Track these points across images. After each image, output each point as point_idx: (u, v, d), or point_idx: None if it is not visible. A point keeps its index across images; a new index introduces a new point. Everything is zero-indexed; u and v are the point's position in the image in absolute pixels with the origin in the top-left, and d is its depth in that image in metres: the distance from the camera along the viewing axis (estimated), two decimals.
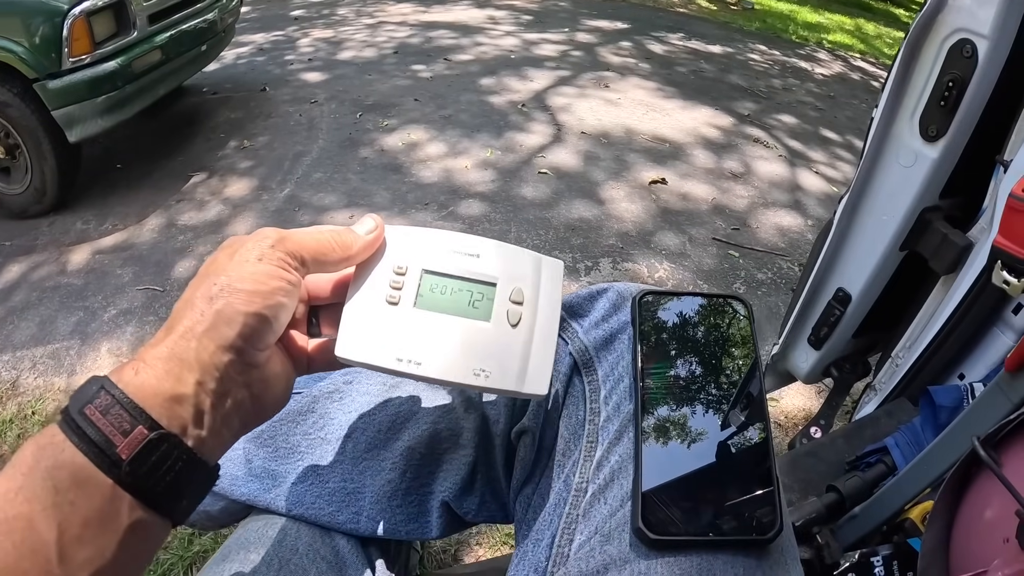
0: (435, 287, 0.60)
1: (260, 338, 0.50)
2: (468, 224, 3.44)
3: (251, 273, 0.50)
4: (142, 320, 2.73)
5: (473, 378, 0.57)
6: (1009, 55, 1.16)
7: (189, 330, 0.47)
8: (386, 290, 0.59)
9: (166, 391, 0.45)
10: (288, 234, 0.54)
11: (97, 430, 0.42)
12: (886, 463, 1.20)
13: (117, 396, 0.43)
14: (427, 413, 0.72)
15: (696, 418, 0.58)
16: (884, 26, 12.52)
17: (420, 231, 0.62)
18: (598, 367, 0.68)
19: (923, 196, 1.32)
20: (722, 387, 0.60)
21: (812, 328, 1.62)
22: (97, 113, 3.27)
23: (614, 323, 0.70)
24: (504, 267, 0.62)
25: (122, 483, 0.42)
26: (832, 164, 4.70)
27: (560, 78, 5.77)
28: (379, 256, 0.60)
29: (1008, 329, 1.25)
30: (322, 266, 0.56)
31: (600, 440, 0.63)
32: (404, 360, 0.57)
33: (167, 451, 0.44)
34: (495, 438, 0.72)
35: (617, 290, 0.73)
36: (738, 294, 0.64)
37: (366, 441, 0.71)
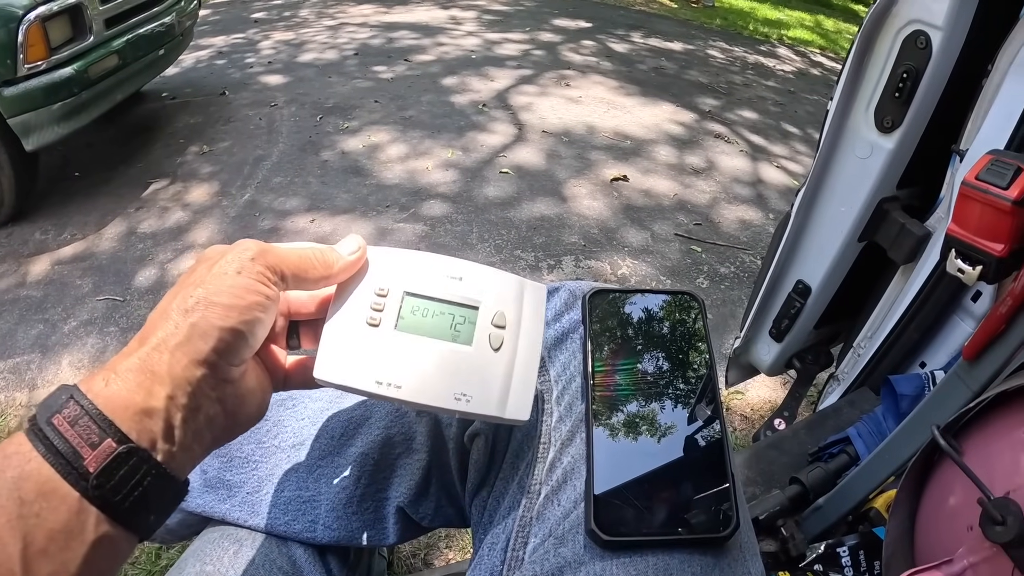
0: (417, 310, 0.59)
1: (235, 353, 0.49)
2: (430, 225, 3.42)
3: (229, 286, 0.49)
4: (103, 331, 2.68)
5: (454, 403, 0.56)
6: (963, 45, 1.17)
7: (162, 342, 0.46)
8: (367, 311, 0.58)
9: (136, 404, 0.44)
10: (269, 248, 0.53)
11: (65, 441, 0.41)
12: (849, 453, 1.20)
13: (86, 407, 0.42)
14: (379, 418, 0.71)
15: (649, 416, 0.58)
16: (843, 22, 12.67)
17: (403, 252, 0.62)
18: (550, 367, 0.68)
19: (880, 187, 1.33)
20: (675, 384, 0.60)
21: (773, 321, 1.62)
22: (54, 120, 3.20)
23: (566, 322, 0.70)
24: (487, 291, 0.61)
25: (89, 496, 0.41)
26: (793, 158, 4.74)
27: (522, 77, 5.77)
28: (361, 276, 0.59)
29: (967, 316, 1.26)
30: (302, 283, 0.55)
31: (553, 441, 0.63)
32: (383, 383, 0.56)
33: (135, 465, 0.43)
34: (448, 441, 0.71)
35: (569, 288, 0.73)
36: (689, 289, 0.64)
37: (319, 448, 0.70)
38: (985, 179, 0.83)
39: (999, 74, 1.13)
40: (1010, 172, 0.81)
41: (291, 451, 0.70)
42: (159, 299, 2.09)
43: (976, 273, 0.86)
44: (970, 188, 0.85)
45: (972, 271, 0.87)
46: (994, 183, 0.81)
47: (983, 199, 0.83)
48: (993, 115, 1.12)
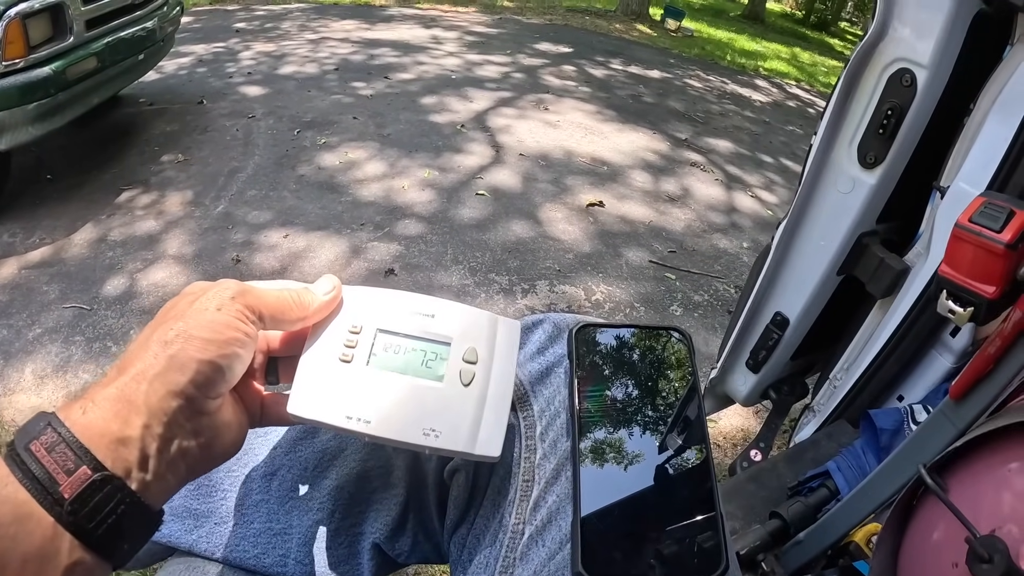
0: (389, 346, 0.60)
1: (212, 386, 0.50)
2: (404, 245, 3.41)
3: (209, 321, 0.50)
4: (68, 340, 2.62)
5: (423, 438, 0.57)
6: (946, 84, 1.18)
7: (141, 373, 0.47)
8: (340, 348, 0.59)
9: (112, 432, 0.44)
10: (249, 288, 0.54)
11: (41, 467, 0.42)
12: (828, 487, 1.20)
13: (63, 434, 0.43)
14: (356, 451, 0.69)
15: (636, 456, 0.57)
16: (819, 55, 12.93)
17: (376, 291, 0.63)
18: (533, 402, 0.66)
19: (860, 221, 1.34)
20: (663, 424, 0.59)
21: (750, 352, 1.62)
22: (28, 121, 3.14)
23: (550, 356, 0.69)
24: (459, 327, 0.62)
25: (63, 522, 0.41)
26: (767, 187, 4.80)
27: (501, 99, 5.80)
28: (335, 314, 0.61)
29: (946, 351, 1.27)
30: (279, 323, 0.57)
31: (537, 479, 0.62)
32: (353, 418, 0.56)
33: (110, 493, 0.43)
34: (427, 476, 0.69)
35: (553, 321, 0.72)
36: (676, 325, 0.63)
37: (292, 479, 0.67)
38: (978, 222, 0.83)
39: (981, 113, 1.15)
40: (1003, 215, 0.81)
41: (262, 481, 0.67)
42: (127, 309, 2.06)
43: (967, 315, 0.87)
44: (963, 231, 0.85)
45: (963, 312, 0.87)
46: (987, 226, 0.82)
47: (976, 242, 0.83)
48: (975, 153, 1.14)
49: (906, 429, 1.20)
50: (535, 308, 3.02)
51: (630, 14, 11.44)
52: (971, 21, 1.14)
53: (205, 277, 2.98)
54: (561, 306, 3.07)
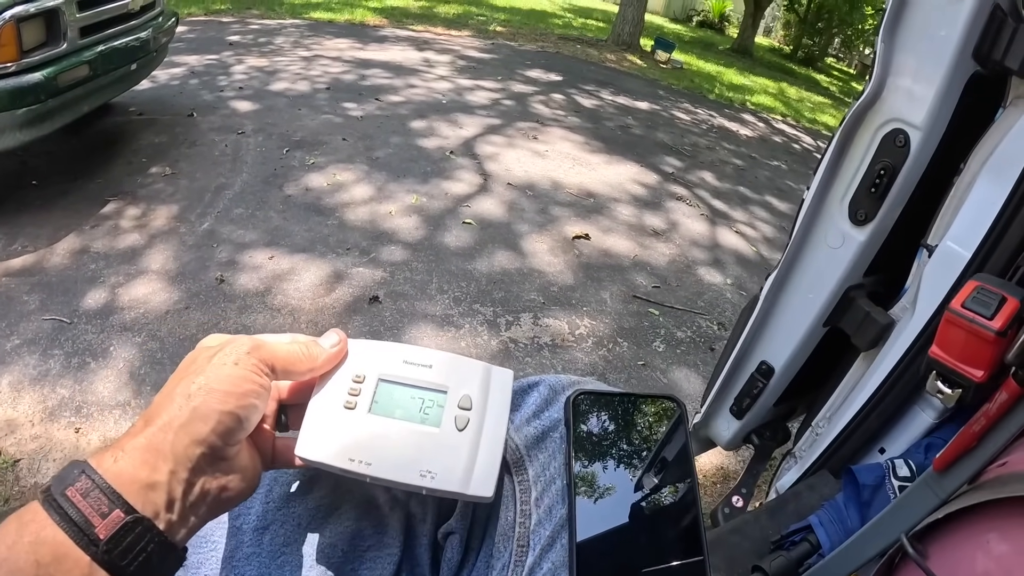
0: (389, 394, 0.65)
1: (232, 435, 0.54)
2: (389, 272, 3.40)
3: (227, 375, 0.55)
4: (47, 353, 2.59)
5: (419, 479, 0.60)
6: (938, 145, 1.20)
7: (167, 424, 0.51)
8: (344, 396, 0.64)
9: (142, 479, 0.48)
10: (262, 343, 0.59)
11: (78, 511, 0.46)
12: (811, 542, 1.20)
13: (97, 481, 0.47)
14: (350, 508, 0.69)
15: (631, 525, 0.58)
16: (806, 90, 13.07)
17: (379, 344, 0.68)
18: (529, 467, 0.68)
19: (848, 276, 1.35)
20: (657, 493, 0.60)
21: (735, 399, 1.63)
22: (16, 126, 3.12)
23: (546, 420, 0.70)
24: (454, 376, 0.66)
25: (99, 561, 0.45)
26: (752, 224, 4.84)
27: (490, 126, 5.83)
28: (341, 364, 0.66)
29: (928, 408, 1.27)
30: (290, 375, 0.62)
31: (532, 545, 0.63)
32: (356, 461, 0.61)
33: (141, 533, 0.47)
34: (420, 537, 0.70)
35: (549, 384, 0.73)
36: (671, 394, 0.65)
37: (284, 534, 0.67)
38: (971, 307, 0.85)
39: (971, 173, 1.16)
40: (995, 302, 0.83)
41: (254, 534, 0.67)
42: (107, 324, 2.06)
43: (955, 396, 0.88)
44: (955, 316, 0.87)
45: (951, 393, 0.89)
46: (979, 312, 0.84)
47: (968, 327, 0.85)
48: (963, 213, 1.15)
49: (887, 484, 1.20)
50: (519, 341, 3.02)
51: (621, 44, 11.54)
52: (966, 83, 1.15)
53: (188, 296, 2.98)
54: (544, 339, 3.07)
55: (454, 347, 2.91)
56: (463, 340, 2.96)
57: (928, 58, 1.15)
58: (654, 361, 3.06)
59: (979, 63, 1.13)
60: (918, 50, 1.17)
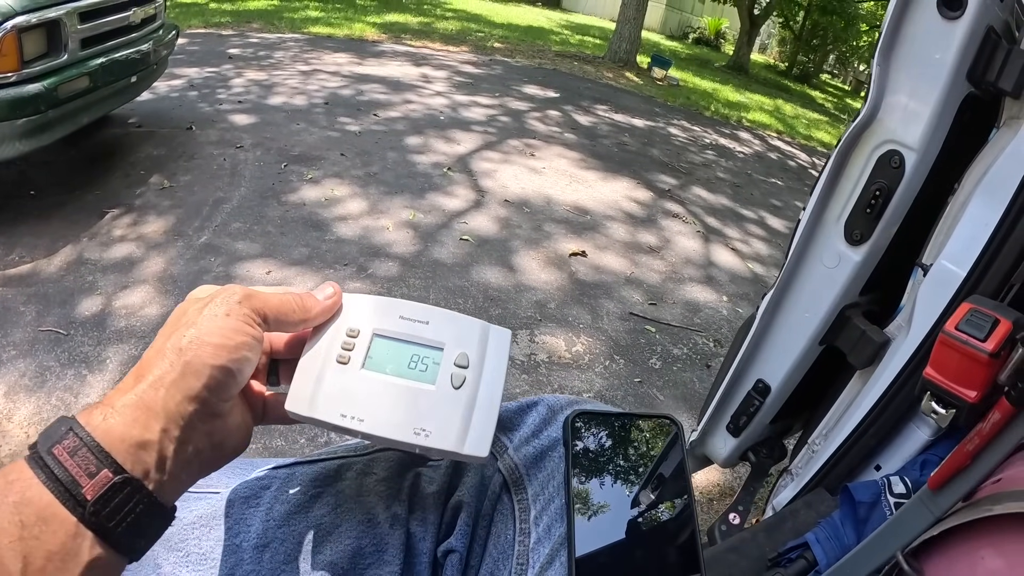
0: (384, 350, 0.63)
1: (225, 390, 0.53)
2: (386, 287, 3.40)
3: (219, 327, 0.53)
4: (43, 365, 2.58)
5: (413, 436, 0.59)
6: (933, 165, 1.21)
7: (158, 379, 0.50)
8: (337, 350, 0.62)
9: (133, 437, 0.47)
10: (254, 292, 0.57)
11: (65, 470, 0.45)
12: (807, 559, 1.21)
13: (85, 439, 0.46)
14: (350, 527, 0.68)
15: (629, 543, 0.58)
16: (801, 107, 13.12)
17: (375, 299, 0.66)
18: (528, 486, 0.68)
19: (844, 295, 1.36)
20: (653, 512, 0.60)
21: (731, 417, 1.63)
22: (16, 136, 3.13)
23: (545, 439, 0.70)
24: (451, 333, 0.65)
25: (85, 522, 0.44)
26: (746, 241, 4.86)
27: (487, 143, 5.85)
28: (335, 319, 0.64)
29: (924, 425, 1.28)
30: (283, 325, 0.60)
31: (531, 563, 0.63)
32: (348, 416, 0.59)
33: (129, 494, 0.46)
34: (420, 555, 0.69)
35: (548, 404, 0.74)
36: (668, 414, 0.65)
37: (284, 552, 0.67)
38: (964, 330, 0.86)
39: (965, 193, 1.17)
40: (988, 324, 0.84)
41: (254, 552, 0.67)
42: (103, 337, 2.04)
43: (949, 416, 0.89)
44: (949, 338, 0.88)
45: (945, 413, 0.90)
46: (973, 334, 0.85)
47: (962, 350, 0.86)
48: (958, 233, 1.16)
49: (883, 501, 1.21)
50: (515, 358, 3.02)
51: (618, 61, 11.60)
52: (960, 104, 1.17)
53: None
54: (541, 356, 3.08)
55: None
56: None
57: (923, 80, 1.16)
58: (650, 378, 3.07)
59: (973, 84, 1.15)
60: (913, 72, 1.18)
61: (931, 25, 1.13)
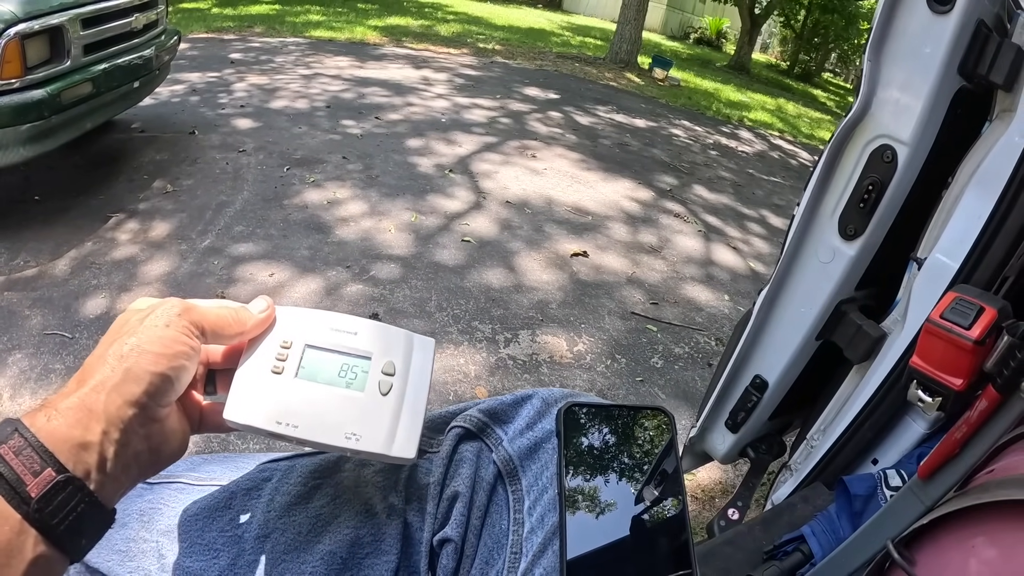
0: (315, 360, 0.66)
1: (163, 396, 0.55)
2: (388, 289, 3.41)
3: (159, 337, 0.55)
4: (48, 368, 2.60)
5: (344, 441, 0.62)
6: (926, 160, 1.22)
7: (100, 384, 0.52)
8: (272, 361, 0.65)
9: (75, 438, 0.49)
10: (192, 305, 0.60)
11: (10, 469, 0.46)
12: (803, 551, 1.21)
13: (29, 439, 0.47)
14: (348, 517, 0.70)
15: (620, 530, 0.59)
16: (803, 106, 13.08)
17: (306, 311, 0.69)
18: (522, 476, 0.70)
19: (840, 290, 1.36)
20: (645, 500, 0.61)
21: (730, 413, 1.64)
22: (20, 142, 3.15)
23: (538, 431, 0.72)
24: (378, 343, 0.68)
25: (30, 519, 0.46)
26: (747, 241, 4.85)
27: (488, 144, 5.86)
28: (269, 331, 0.67)
29: (919, 418, 1.28)
30: (219, 338, 0.62)
31: (524, 552, 0.64)
32: (283, 424, 0.62)
33: (72, 492, 0.48)
34: (417, 545, 0.71)
35: (542, 397, 0.75)
36: (660, 405, 0.66)
37: (285, 542, 0.68)
38: (949, 318, 0.87)
39: (958, 187, 1.18)
40: (973, 312, 0.85)
41: (255, 543, 0.69)
42: None
43: (935, 404, 0.90)
44: (935, 326, 0.88)
45: (931, 401, 0.91)
46: (957, 322, 0.86)
47: (946, 337, 0.87)
48: (951, 226, 1.16)
49: (879, 494, 1.21)
50: (516, 358, 3.03)
51: (619, 62, 11.58)
52: (952, 98, 1.17)
53: None
54: (543, 356, 3.08)
55: (452, 364, 2.92)
56: (461, 357, 2.97)
57: (914, 74, 1.17)
58: (652, 377, 3.07)
59: (965, 78, 1.15)
60: (904, 67, 1.19)
61: (921, 19, 1.13)
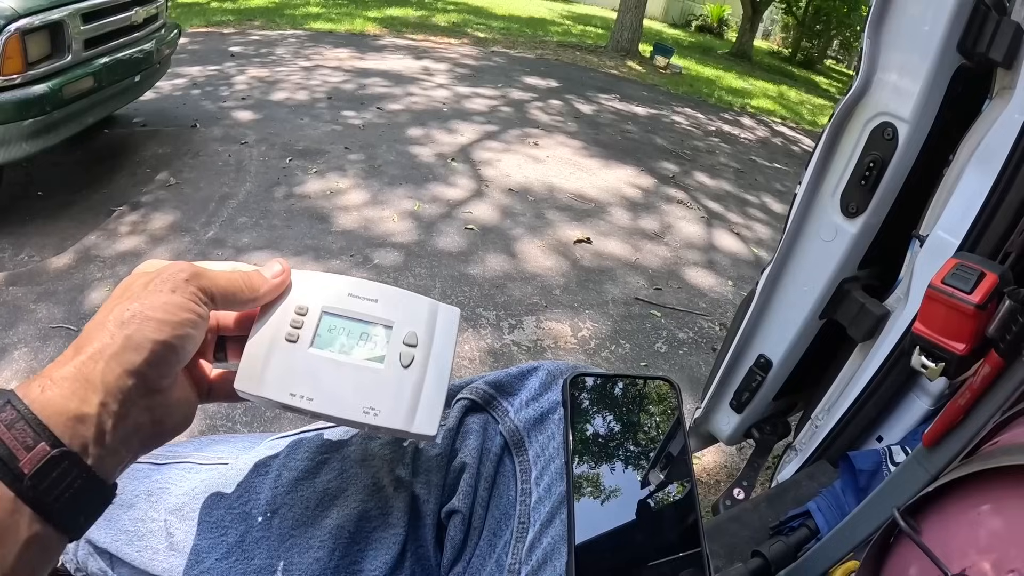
0: (333, 328, 0.62)
1: (166, 365, 0.52)
2: (392, 277, 3.42)
3: (163, 303, 0.51)
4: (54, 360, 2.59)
5: (362, 415, 0.59)
6: (927, 137, 1.22)
7: (98, 352, 0.48)
8: (286, 328, 0.61)
9: (71, 410, 0.46)
10: (202, 271, 0.56)
11: (2, 443, 0.43)
12: (809, 527, 1.22)
13: (22, 411, 0.44)
14: (356, 491, 0.70)
15: (628, 501, 0.58)
16: (806, 93, 13.03)
17: (324, 276, 0.65)
18: (529, 447, 0.69)
19: (842, 268, 1.37)
20: (652, 468, 0.61)
21: (734, 393, 1.65)
22: (22, 137, 3.15)
23: (544, 402, 0.72)
24: (400, 311, 0.64)
25: (23, 496, 0.43)
26: (750, 226, 4.86)
27: (489, 133, 5.85)
28: (284, 296, 0.63)
29: (923, 394, 1.29)
30: (230, 304, 0.58)
31: (532, 521, 0.64)
32: (297, 395, 0.59)
33: (67, 468, 0.45)
34: (425, 517, 0.71)
35: (547, 369, 0.75)
36: (666, 375, 0.66)
37: (293, 517, 0.69)
38: (950, 283, 0.87)
39: (960, 164, 1.18)
40: (974, 277, 0.85)
41: (263, 519, 0.69)
42: None
43: (939, 369, 0.90)
44: (936, 291, 0.89)
45: (935, 367, 0.91)
46: (958, 287, 0.86)
47: (948, 302, 0.87)
48: (953, 203, 1.17)
49: (884, 470, 1.22)
50: (521, 344, 3.04)
51: (620, 50, 11.54)
52: (952, 75, 1.18)
53: None
54: (547, 342, 3.09)
55: (456, 350, 2.91)
56: (466, 343, 2.98)
57: (913, 52, 1.17)
58: (656, 362, 3.08)
59: (964, 56, 1.16)
60: (903, 45, 1.19)
61: None
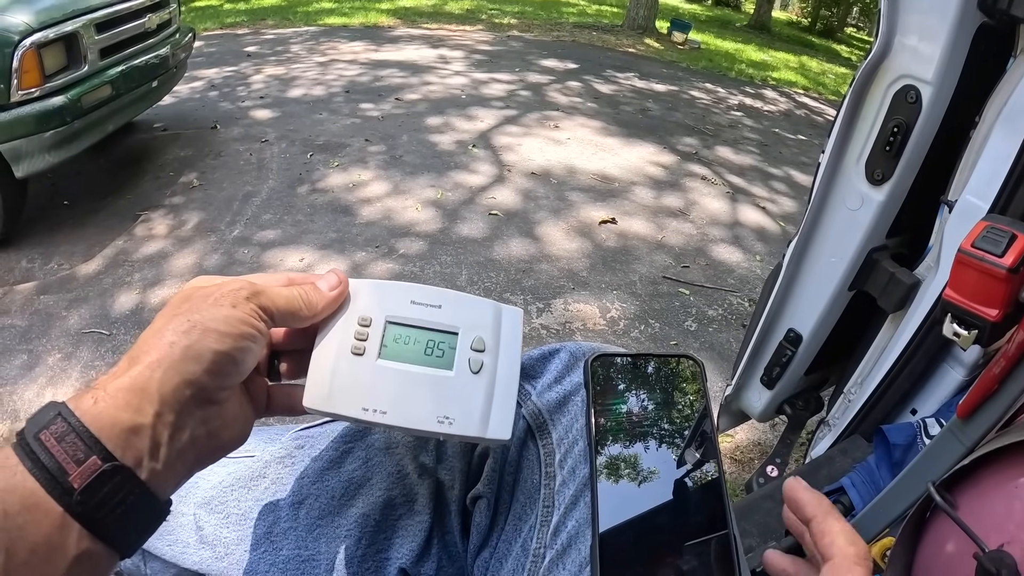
0: (399, 337, 0.61)
1: (226, 377, 0.51)
2: (418, 267, 3.43)
3: (224, 316, 0.51)
4: (88, 365, 2.65)
5: (437, 426, 0.59)
6: (951, 99, 1.19)
7: (156, 361, 0.47)
8: (351, 341, 0.60)
9: (124, 422, 0.44)
10: (262, 288, 0.55)
11: (51, 456, 0.42)
12: (843, 503, 1.20)
13: (73, 424, 0.43)
14: (381, 479, 0.70)
15: (652, 482, 0.58)
16: (827, 62, 12.85)
17: (381, 283, 0.64)
18: (552, 430, 0.69)
19: (870, 237, 1.34)
20: (676, 449, 0.60)
21: (764, 368, 1.63)
22: (45, 148, 3.19)
23: (567, 384, 0.71)
24: (465, 316, 0.63)
25: (72, 512, 0.41)
26: (775, 199, 4.80)
27: (508, 117, 5.83)
28: (344, 308, 0.62)
29: (958, 365, 1.27)
30: (289, 323, 0.58)
31: (556, 505, 0.64)
32: (370, 410, 0.58)
33: (120, 483, 0.43)
34: (450, 504, 0.71)
35: (570, 350, 0.74)
36: (689, 353, 0.65)
37: (319, 508, 0.69)
38: (981, 247, 0.84)
39: (986, 126, 1.15)
40: (1005, 239, 0.82)
41: (290, 509, 0.69)
42: None
43: (971, 337, 0.88)
44: (966, 256, 0.86)
45: (967, 335, 0.88)
46: (989, 250, 0.83)
47: (979, 267, 0.84)
48: (981, 166, 1.14)
49: (919, 443, 1.20)
50: (550, 327, 3.03)
51: (637, 28, 11.45)
52: (974, 35, 1.14)
53: None
54: (576, 324, 3.08)
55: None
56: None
57: (933, 12, 1.14)
58: (686, 340, 3.06)
59: (986, 14, 1.12)
60: (922, 5, 1.16)
61: None
